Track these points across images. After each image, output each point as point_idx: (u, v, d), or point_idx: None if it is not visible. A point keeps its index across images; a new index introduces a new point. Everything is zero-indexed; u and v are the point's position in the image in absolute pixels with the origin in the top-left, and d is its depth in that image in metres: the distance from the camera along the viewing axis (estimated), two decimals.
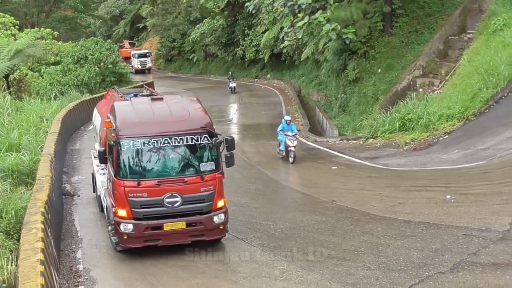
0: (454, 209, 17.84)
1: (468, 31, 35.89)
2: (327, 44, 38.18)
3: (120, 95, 20.95)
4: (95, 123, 22.04)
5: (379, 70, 37.17)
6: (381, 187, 21.64)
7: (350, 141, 31.63)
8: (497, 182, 20.00)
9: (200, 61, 74.92)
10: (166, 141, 15.19)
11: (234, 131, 38.79)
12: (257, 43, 57.82)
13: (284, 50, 48.24)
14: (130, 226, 15.05)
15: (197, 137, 15.37)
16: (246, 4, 44.41)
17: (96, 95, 46.46)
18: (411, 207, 18.90)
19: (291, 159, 26.57)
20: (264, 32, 52.92)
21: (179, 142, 15.28)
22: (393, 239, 16.07)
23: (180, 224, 15.23)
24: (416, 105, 30.14)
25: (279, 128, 27.47)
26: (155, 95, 19.72)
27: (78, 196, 22.68)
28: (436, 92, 32.28)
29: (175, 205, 15.10)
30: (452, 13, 37.25)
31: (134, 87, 48.78)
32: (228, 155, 15.87)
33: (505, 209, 17.09)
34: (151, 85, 53.63)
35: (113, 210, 15.38)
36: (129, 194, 14.98)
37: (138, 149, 15.14)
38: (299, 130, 30.49)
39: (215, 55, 70.91)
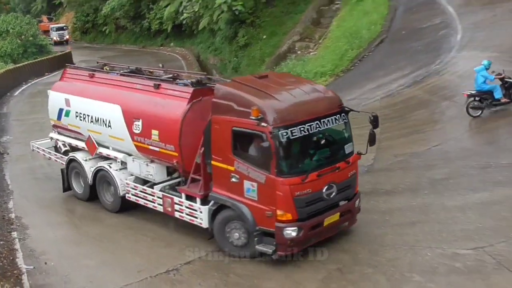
0: None
1: (336, 1, 36.84)
2: (220, 15, 37.89)
3: (114, 72, 15.75)
4: (82, 111, 15.29)
5: (264, 36, 37.46)
6: None
7: None
8: (360, 126, 20.54)
9: (112, 33, 72.63)
10: (317, 126, 11.54)
11: None
12: (161, 15, 56.54)
13: (184, 22, 47.66)
14: (294, 229, 11.27)
15: (338, 117, 12.05)
16: None
17: (19, 65, 45.41)
18: None
19: None
20: (166, 6, 51.87)
21: (326, 125, 11.76)
22: None
23: (335, 216, 11.99)
24: (296, 65, 30.53)
25: (481, 79, 17.66)
26: (144, 71, 15.69)
27: (8, 154, 21.98)
28: (311, 53, 32.80)
29: (331, 196, 11.73)
30: None
31: (59, 56, 47.62)
32: (372, 132, 12.63)
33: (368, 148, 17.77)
34: (69, 55, 52.14)
35: (268, 214, 11.31)
36: (295, 193, 11.17)
37: (296, 138, 11.21)
38: None
39: (125, 27, 69.03)
